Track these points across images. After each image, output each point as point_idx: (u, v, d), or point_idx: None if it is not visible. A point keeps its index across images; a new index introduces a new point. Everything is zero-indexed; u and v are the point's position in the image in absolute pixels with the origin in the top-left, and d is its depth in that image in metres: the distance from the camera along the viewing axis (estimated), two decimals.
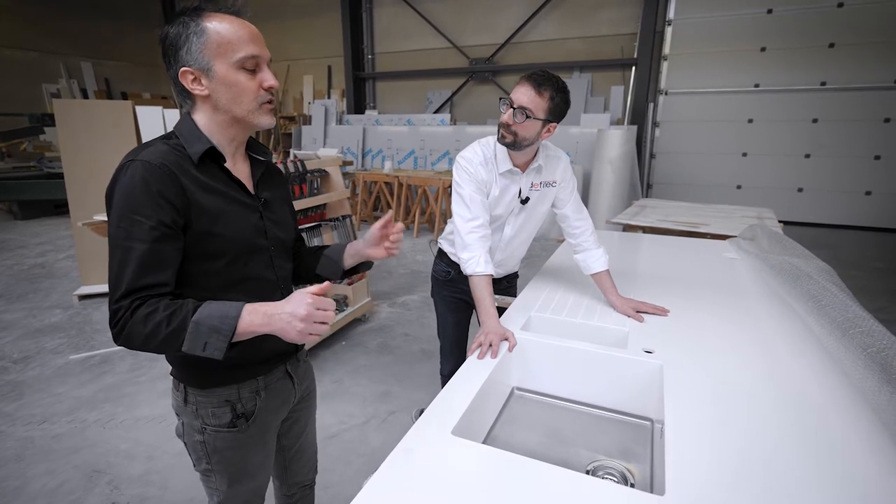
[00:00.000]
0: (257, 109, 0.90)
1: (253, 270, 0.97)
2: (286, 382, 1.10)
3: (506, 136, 1.41)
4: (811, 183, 6.70)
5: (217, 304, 0.82)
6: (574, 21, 7.53)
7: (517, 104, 1.36)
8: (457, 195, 1.52)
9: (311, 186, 3.22)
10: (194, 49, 0.84)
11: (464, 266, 1.46)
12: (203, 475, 1.06)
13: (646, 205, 4.00)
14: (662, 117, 7.26)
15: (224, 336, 0.79)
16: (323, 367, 2.87)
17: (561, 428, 1.24)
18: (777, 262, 1.70)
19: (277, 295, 1.04)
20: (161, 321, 0.79)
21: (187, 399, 0.99)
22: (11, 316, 3.65)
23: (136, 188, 0.81)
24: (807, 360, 1.22)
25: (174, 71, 0.86)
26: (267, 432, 1.08)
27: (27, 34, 8.91)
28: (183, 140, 0.89)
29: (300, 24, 9.44)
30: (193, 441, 1.01)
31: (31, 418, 2.37)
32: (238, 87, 0.87)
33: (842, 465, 0.85)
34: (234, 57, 0.86)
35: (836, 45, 6.18)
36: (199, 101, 0.89)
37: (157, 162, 0.83)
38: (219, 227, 0.89)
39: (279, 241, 1.04)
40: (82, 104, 4.71)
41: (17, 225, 6.75)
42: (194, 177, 0.87)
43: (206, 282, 0.91)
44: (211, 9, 0.86)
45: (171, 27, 0.85)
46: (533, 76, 1.36)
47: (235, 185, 0.95)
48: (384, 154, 8.03)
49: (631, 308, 1.50)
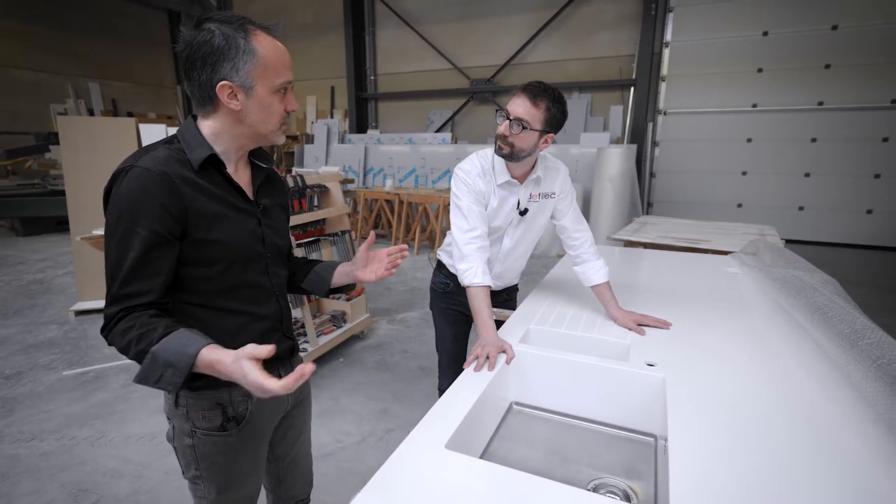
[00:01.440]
0: (278, 129, 0.94)
1: (248, 277, 0.97)
2: None
3: (503, 148, 1.41)
4: (812, 201, 6.70)
5: (179, 337, 0.78)
6: (573, 43, 7.66)
7: (513, 115, 1.36)
8: (455, 206, 1.50)
9: (311, 201, 3.22)
10: (242, 67, 0.84)
11: (461, 277, 1.44)
12: (191, 482, 1.03)
13: (646, 221, 3.98)
14: (662, 136, 7.32)
15: (179, 372, 0.76)
16: (320, 383, 2.81)
17: (561, 444, 1.20)
18: (780, 275, 1.67)
19: (272, 301, 1.03)
20: (132, 340, 0.79)
21: (178, 401, 0.97)
22: (6, 331, 3.61)
23: (134, 195, 0.81)
24: (814, 374, 1.18)
25: (208, 78, 0.85)
26: (258, 439, 1.06)
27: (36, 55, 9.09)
28: (185, 145, 0.89)
29: (304, 46, 9.62)
30: (183, 445, 0.99)
31: (19, 435, 2.31)
32: (270, 110, 0.90)
33: (854, 481, 0.80)
34: (275, 82, 0.88)
35: (832, 67, 6.26)
36: (223, 111, 0.89)
37: (156, 170, 0.83)
38: (216, 233, 0.89)
39: (276, 247, 1.03)
40: (86, 121, 4.77)
41: (18, 241, 6.76)
42: (194, 182, 0.87)
43: (201, 287, 0.91)
44: (252, 24, 0.86)
45: (212, 35, 0.83)
46: (529, 87, 1.35)
47: (235, 192, 0.95)
48: (385, 172, 8.09)
49: (632, 321, 1.46)
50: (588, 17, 7.50)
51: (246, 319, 0.98)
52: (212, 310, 0.93)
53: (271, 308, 1.03)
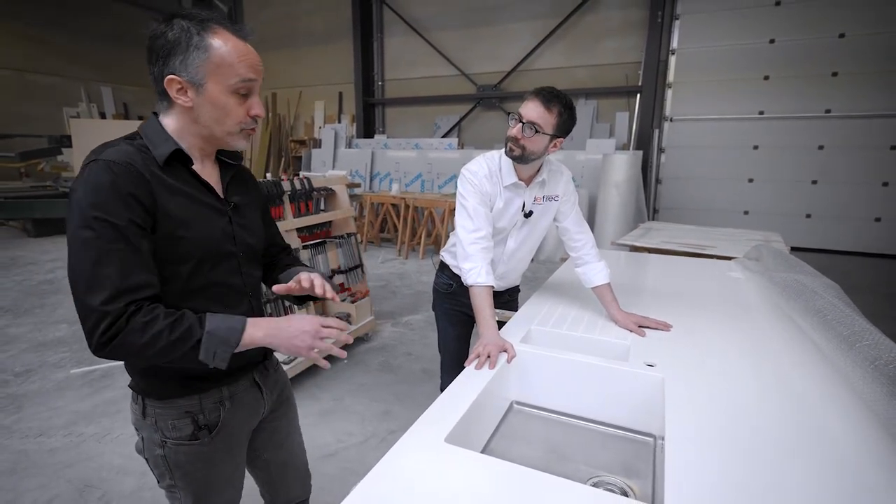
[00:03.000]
0: (237, 133, 0.89)
1: (218, 276, 0.93)
2: (254, 392, 1.06)
3: (514, 150, 1.43)
4: (819, 209, 6.65)
5: (222, 317, 0.84)
6: (579, 50, 7.70)
7: (526, 119, 1.38)
8: (461, 206, 1.52)
9: (317, 204, 3.25)
10: (191, 62, 0.81)
11: (465, 276, 1.45)
12: (168, 491, 1.01)
13: (651, 227, 3.98)
14: (668, 143, 7.31)
15: (230, 347, 0.83)
16: (323, 384, 2.83)
17: (561, 443, 1.21)
18: (781, 279, 1.67)
19: (244, 302, 1.00)
20: (162, 330, 0.78)
21: (146, 412, 0.94)
22: (17, 330, 3.66)
23: (104, 187, 0.77)
24: (812, 375, 1.18)
25: (159, 72, 0.83)
26: (234, 445, 1.03)
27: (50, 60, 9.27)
28: (147, 141, 0.86)
29: (313, 52, 9.73)
30: (154, 456, 0.96)
31: (27, 431, 2.35)
32: (225, 110, 0.86)
33: (851, 482, 0.81)
34: (230, 80, 0.84)
35: (839, 74, 6.24)
36: (177, 108, 0.86)
37: (122, 161, 0.80)
38: (184, 231, 0.86)
39: (248, 246, 1.00)
40: (97, 123, 4.87)
41: (30, 242, 6.86)
42: (160, 178, 0.84)
43: (170, 286, 0.86)
44: (218, 23, 0.83)
45: (170, 30, 0.81)
46: (542, 92, 1.38)
47: (203, 189, 0.92)
48: (392, 177, 8.14)
49: (633, 322, 1.47)
50: (594, 24, 7.53)
51: None
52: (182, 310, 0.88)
53: (243, 309, 0.99)
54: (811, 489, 0.78)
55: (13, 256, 6.01)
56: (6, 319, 3.88)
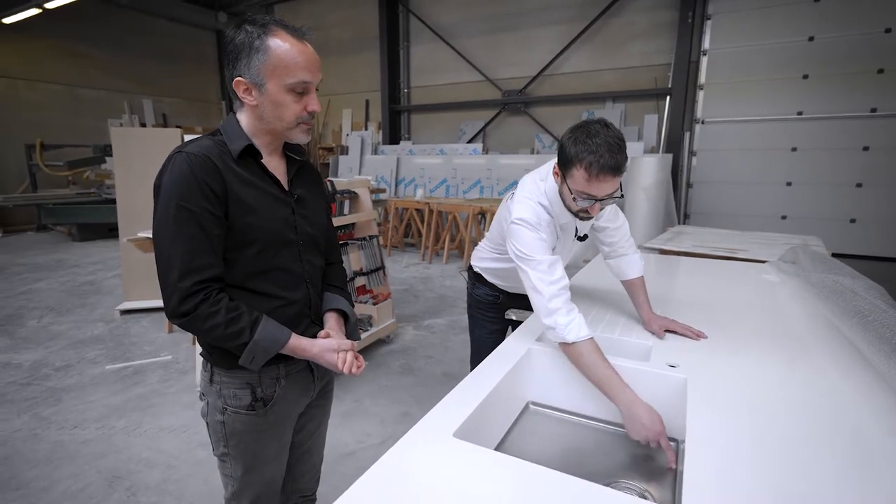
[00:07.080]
0: (295, 127, 0.97)
1: (280, 261, 1.02)
2: (306, 374, 1.12)
3: (587, 218, 1.32)
4: (865, 213, 6.30)
5: (271, 327, 0.95)
6: (606, 53, 7.58)
7: (603, 195, 1.19)
8: (532, 261, 1.25)
9: (341, 207, 3.30)
10: (253, 64, 0.90)
11: (558, 334, 1.17)
12: (220, 459, 1.08)
13: (681, 231, 3.86)
14: (699, 146, 7.09)
15: (268, 355, 0.96)
16: (345, 385, 2.85)
17: (577, 445, 1.16)
18: (819, 279, 1.58)
19: (302, 287, 1.07)
20: (220, 324, 0.90)
21: (213, 379, 1.03)
22: (59, 327, 3.85)
23: (183, 176, 0.89)
24: (850, 380, 1.10)
25: (230, 75, 0.94)
26: (283, 422, 1.10)
27: (97, 75, 9.80)
28: (226, 137, 0.97)
29: (341, 62, 9.95)
30: (215, 421, 1.05)
31: (64, 423, 2.45)
32: (283, 108, 0.94)
33: (888, 491, 0.74)
34: (286, 80, 0.91)
35: (885, 71, 5.92)
36: (247, 107, 0.97)
37: (200, 154, 0.91)
38: (252, 218, 0.95)
39: (308, 236, 1.07)
40: (136, 132, 5.08)
41: (74, 246, 7.23)
42: (233, 170, 0.94)
43: (236, 268, 0.96)
44: (277, 25, 0.91)
45: (237, 34, 0.91)
46: (607, 165, 1.13)
47: (270, 181, 1.01)
48: (417, 183, 8.19)
49: (662, 327, 1.38)
50: (621, 27, 7.41)
51: (276, 303, 1.02)
52: (245, 291, 0.98)
53: (301, 293, 1.06)
54: (843, 497, 0.73)
55: (59, 259, 6.34)
56: (50, 317, 4.08)
